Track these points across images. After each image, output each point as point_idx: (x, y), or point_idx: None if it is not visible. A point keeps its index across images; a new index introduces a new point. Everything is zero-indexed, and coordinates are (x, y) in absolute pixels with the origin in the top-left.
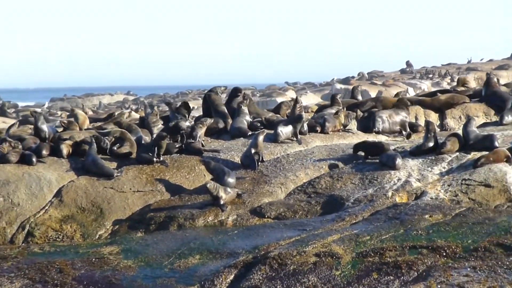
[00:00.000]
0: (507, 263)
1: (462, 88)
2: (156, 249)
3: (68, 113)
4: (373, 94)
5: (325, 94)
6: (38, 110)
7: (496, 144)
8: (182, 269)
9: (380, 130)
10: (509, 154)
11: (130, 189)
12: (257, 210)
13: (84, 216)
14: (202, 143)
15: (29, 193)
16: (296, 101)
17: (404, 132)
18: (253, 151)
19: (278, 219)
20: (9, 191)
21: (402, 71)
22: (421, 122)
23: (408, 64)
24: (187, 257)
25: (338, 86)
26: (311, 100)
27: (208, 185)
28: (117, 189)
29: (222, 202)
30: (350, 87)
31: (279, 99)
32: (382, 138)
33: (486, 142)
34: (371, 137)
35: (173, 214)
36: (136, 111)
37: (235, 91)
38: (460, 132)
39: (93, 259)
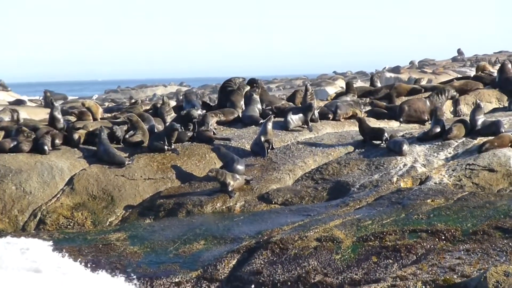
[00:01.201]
0: (501, 245)
1: (483, 75)
2: (162, 235)
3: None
4: (422, 82)
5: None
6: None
7: (502, 130)
8: (186, 255)
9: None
10: None
11: (141, 176)
12: (265, 196)
13: (95, 204)
14: (213, 131)
15: (41, 181)
16: (306, 89)
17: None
18: (263, 138)
19: (285, 205)
20: (21, 179)
21: (454, 59)
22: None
23: (460, 52)
24: (192, 243)
25: (388, 74)
26: None
27: (209, 173)
28: (128, 177)
29: (230, 189)
30: (400, 75)
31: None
32: (395, 125)
33: (493, 127)
34: (382, 124)
35: (182, 201)
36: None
37: (251, 82)
38: (467, 118)
39: (100, 245)
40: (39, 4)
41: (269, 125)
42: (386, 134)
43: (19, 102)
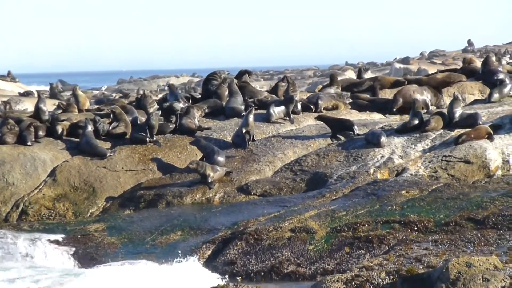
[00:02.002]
0: (469, 236)
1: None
2: (140, 226)
3: (121, 95)
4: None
5: (385, 74)
6: (96, 92)
7: (480, 122)
8: (163, 245)
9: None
10: (491, 131)
11: (123, 168)
12: (244, 188)
13: (77, 195)
14: (196, 124)
15: (23, 172)
16: (288, 81)
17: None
18: (244, 130)
19: (264, 196)
20: (4, 171)
21: (464, 50)
22: None
23: (470, 43)
24: (169, 234)
25: (398, 65)
26: None
27: (190, 165)
28: (109, 169)
29: (210, 180)
30: (410, 66)
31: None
32: (376, 117)
33: (470, 120)
34: (364, 116)
35: (162, 192)
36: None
37: (241, 74)
38: (445, 110)
39: (79, 236)
40: None
41: (251, 117)
42: (355, 126)
43: (27, 94)
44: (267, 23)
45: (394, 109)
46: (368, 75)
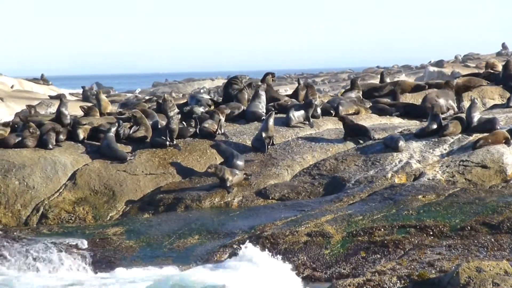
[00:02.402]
0: (482, 241)
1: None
2: (158, 230)
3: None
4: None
5: (419, 77)
6: (130, 95)
7: (498, 127)
8: (180, 249)
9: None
10: (508, 136)
11: (142, 172)
12: (262, 192)
13: (97, 198)
14: (219, 129)
15: (44, 176)
16: (308, 85)
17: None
18: (264, 134)
19: (282, 200)
20: (25, 174)
21: (498, 54)
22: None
23: (504, 46)
24: (187, 237)
25: (431, 69)
26: None
27: (208, 170)
28: (129, 172)
29: (228, 184)
30: (444, 69)
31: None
32: (396, 121)
33: (488, 124)
34: (384, 120)
35: (181, 196)
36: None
37: (264, 77)
38: (464, 115)
39: (97, 240)
40: None
41: (271, 122)
42: (370, 133)
43: (59, 97)
44: (301, 25)
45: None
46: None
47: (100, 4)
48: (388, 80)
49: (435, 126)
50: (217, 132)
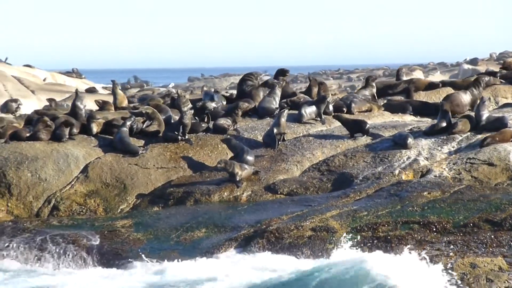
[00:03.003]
0: (482, 238)
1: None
2: (166, 223)
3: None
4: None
5: (453, 74)
6: (163, 89)
7: (507, 125)
8: (187, 242)
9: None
10: None
11: (154, 165)
12: (271, 187)
13: (108, 191)
14: (229, 123)
15: (56, 169)
16: (320, 82)
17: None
18: (275, 130)
19: (290, 195)
20: (37, 167)
21: None
22: None
23: None
24: (194, 231)
25: (466, 66)
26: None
27: (218, 165)
28: (141, 166)
29: (238, 179)
30: (478, 67)
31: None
32: (408, 119)
33: (497, 123)
34: (396, 118)
35: (191, 189)
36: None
37: (279, 73)
38: (473, 113)
39: (106, 232)
40: None
41: (283, 118)
42: (367, 125)
43: (91, 90)
44: (338, 21)
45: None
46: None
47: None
48: (404, 78)
49: (444, 124)
50: (230, 128)
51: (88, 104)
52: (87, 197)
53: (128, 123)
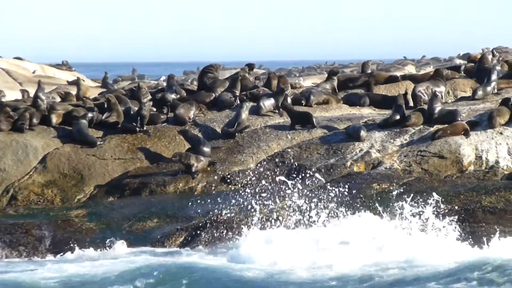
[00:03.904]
0: None
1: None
2: (119, 213)
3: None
4: None
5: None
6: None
7: (459, 118)
8: (138, 232)
9: (422, 104)
10: (468, 128)
11: (111, 156)
12: (226, 178)
13: (65, 182)
14: (190, 116)
15: (15, 159)
16: (279, 75)
17: None
18: (235, 122)
19: (244, 186)
20: None
21: None
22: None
23: None
24: (146, 221)
25: (458, 61)
26: None
27: (173, 158)
28: (98, 157)
29: (193, 170)
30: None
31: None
32: (366, 111)
33: (449, 116)
34: (354, 110)
35: (147, 180)
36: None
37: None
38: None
39: (59, 221)
40: None
41: (244, 114)
42: (313, 118)
43: (75, 83)
44: (330, 13)
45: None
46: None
47: None
48: (369, 71)
49: (398, 117)
50: (191, 119)
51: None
52: (45, 187)
53: (87, 114)
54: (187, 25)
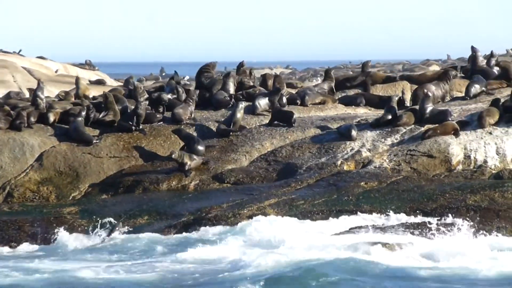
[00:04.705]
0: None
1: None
2: (111, 210)
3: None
4: None
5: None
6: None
7: (449, 118)
8: (128, 228)
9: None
10: (458, 127)
11: (107, 154)
12: (219, 176)
13: (61, 179)
14: (188, 115)
15: (12, 157)
16: (275, 75)
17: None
18: (230, 121)
19: (236, 184)
20: None
21: None
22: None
23: None
24: (137, 218)
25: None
26: None
27: (173, 155)
28: (94, 155)
29: (187, 168)
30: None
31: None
32: (361, 111)
33: (441, 116)
34: (349, 110)
35: (140, 178)
36: None
37: (238, 67)
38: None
39: (52, 218)
40: None
41: (239, 114)
42: (293, 117)
43: (99, 82)
44: (360, 15)
45: None
46: None
47: None
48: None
49: (389, 117)
50: (187, 118)
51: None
52: (41, 184)
53: (83, 112)
54: (220, 24)
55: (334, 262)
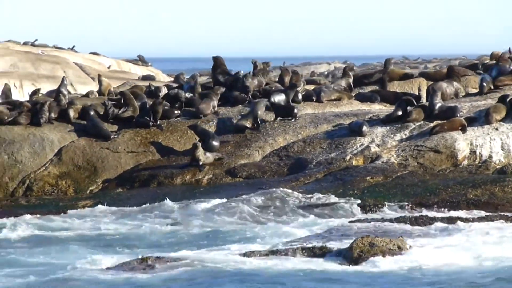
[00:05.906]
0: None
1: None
2: (125, 203)
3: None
4: None
5: None
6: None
7: (458, 114)
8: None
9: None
10: (465, 123)
11: (124, 149)
12: (232, 171)
13: (79, 173)
14: (212, 110)
15: (32, 151)
16: (292, 71)
17: None
18: (248, 118)
19: (248, 178)
20: (14, 149)
21: None
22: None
23: None
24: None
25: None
26: None
27: (195, 147)
28: (112, 150)
29: (201, 163)
30: None
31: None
32: (376, 107)
33: (449, 112)
34: (364, 106)
35: (156, 172)
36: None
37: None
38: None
39: (68, 211)
40: None
41: (258, 106)
42: (295, 110)
43: (148, 78)
44: (418, 10)
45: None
46: None
47: None
48: (392, 67)
49: (400, 113)
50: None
51: None
52: (59, 178)
53: (92, 109)
54: (275, 19)
55: None
